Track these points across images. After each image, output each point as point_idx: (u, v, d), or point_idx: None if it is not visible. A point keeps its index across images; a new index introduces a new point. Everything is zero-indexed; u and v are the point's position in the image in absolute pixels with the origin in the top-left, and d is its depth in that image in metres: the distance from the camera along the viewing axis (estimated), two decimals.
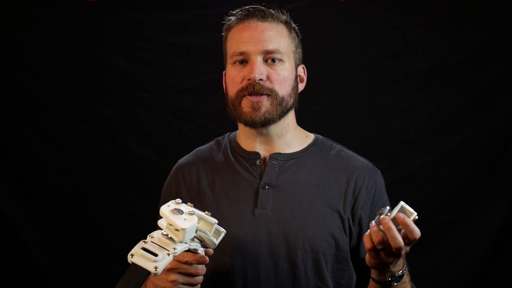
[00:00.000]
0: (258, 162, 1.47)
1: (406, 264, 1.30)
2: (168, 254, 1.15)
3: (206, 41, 2.41)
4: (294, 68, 1.47)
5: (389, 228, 1.15)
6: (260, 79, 1.40)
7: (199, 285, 1.31)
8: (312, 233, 1.41)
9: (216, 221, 1.25)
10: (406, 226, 1.15)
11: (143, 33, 2.45)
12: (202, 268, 1.29)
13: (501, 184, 2.39)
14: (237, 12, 1.48)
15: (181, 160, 1.59)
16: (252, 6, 1.47)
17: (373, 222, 1.18)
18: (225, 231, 1.29)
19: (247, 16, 1.45)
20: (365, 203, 1.46)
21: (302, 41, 1.53)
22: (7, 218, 2.44)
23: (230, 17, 1.49)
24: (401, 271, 1.26)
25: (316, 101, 2.37)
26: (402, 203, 1.17)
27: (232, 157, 1.51)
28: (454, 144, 2.41)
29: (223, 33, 1.51)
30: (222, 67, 1.54)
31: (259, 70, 1.40)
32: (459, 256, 2.42)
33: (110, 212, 2.47)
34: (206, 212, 1.25)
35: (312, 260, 1.41)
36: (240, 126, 1.51)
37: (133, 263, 1.14)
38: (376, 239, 1.16)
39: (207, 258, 1.28)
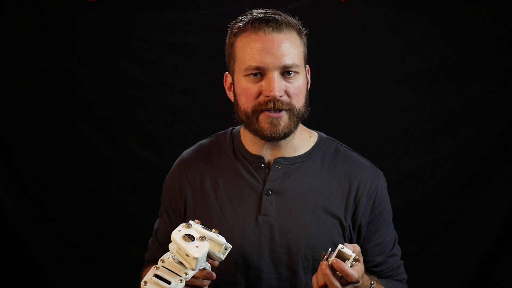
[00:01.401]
0: (262, 166, 1.46)
1: (373, 282, 1.34)
2: (181, 281, 1.17)
3: (206, 41, 2.41)
4: (305, 75, 1.44)
5: (326, 274, 1.23)
6: (280, 95, 1.37)
7: None
8: (314, 241, 1.41)
9: (224, 241, 1.26)
10: (341, 271, 1.22)
11: (143, 33, 2.45)
12: (207, 282, 1.31)
13: (501, 184, 2.39)
14: (248, 18, 1.41)
15: (185, 155, 1.57)
16: (265, 14, 1.40)
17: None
18: (231, 246, 1.29)
19: (261, 25, 1.37)
20: (366, 210, 1.46)
21: None
22: (7, 218, 2.44)
23: (239, 23, 1.41)
24: None
25: (317, 101, 2.34)
26: (339, 247, 1.24)
27: (236, 158, 1.50)
28: (454, 144, 2.41)
29: (229, 37, 1.44)
30: (222, 67, 1.52)
31: (279, 86, 1.36)
32: (459, 256, 2.42)
33: (110, 212, 2.47)
34: (214, 230, 1.25)
35: (313, 268, 1.41)
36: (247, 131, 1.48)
37: None
38: (320, 282, 1.25)
39: (214, 275, 1.30)
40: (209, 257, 1.28)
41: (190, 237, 1.18)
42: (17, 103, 2.45)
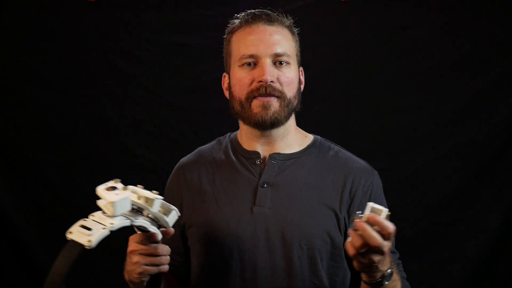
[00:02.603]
0: (258, 161, 1.49)
1: (393, 263, 1.32)
2: (104, 228, 1.17)
3: (206, 41, 2.41)
4: (298, 71, 1.50)
5: (364, 229, 1.18)
6: (271, 81, 1.43)
7: (166, 266, 1.33)
8: (308, 231, 1.43)
9: (157, 197, 1.25)
10: (377, 223, 1.18)
11: (143, 33, 2.45)
12: (162, 248, 1.32)
13: (501, 184, 2.39)
14: (242, 15, 1.49)
15: (183, 160, 1.61)
16: (258, 10, 1.49)
17: (350, 229, 1.21)
18: (176, 209, 1.30)
19: (254, 19, 1.47)
20: (361, 204, 1.47)
21: (303, 41, 1.54)
22: (7, 218, 2.44)
23: (235, 20, 1.50)
24: (390, 269, 1.28)
25: (316, 101, 2.37)
26: (370, 204, 1.21)
27: (232, 155, 1.53)
28: (454, 144, 2.41)
29: (225, 36, 1.51)
30: (222, 67, 1.54)
31: (270, 72, 1.43)
32: (459, 256, 2.42)
33: None
34: (154, 191, 1.26)
35: (308, 257, 1.43)
36: (243, 126, 1.52)
37: (69, 239, 1.19)
38: (356, 243, 1.19)
39: (158, 236, 1.30)
40: (159, 224, 1.29)
41: (112, 188, 1.20)
42: (17, 103, 2.45)
